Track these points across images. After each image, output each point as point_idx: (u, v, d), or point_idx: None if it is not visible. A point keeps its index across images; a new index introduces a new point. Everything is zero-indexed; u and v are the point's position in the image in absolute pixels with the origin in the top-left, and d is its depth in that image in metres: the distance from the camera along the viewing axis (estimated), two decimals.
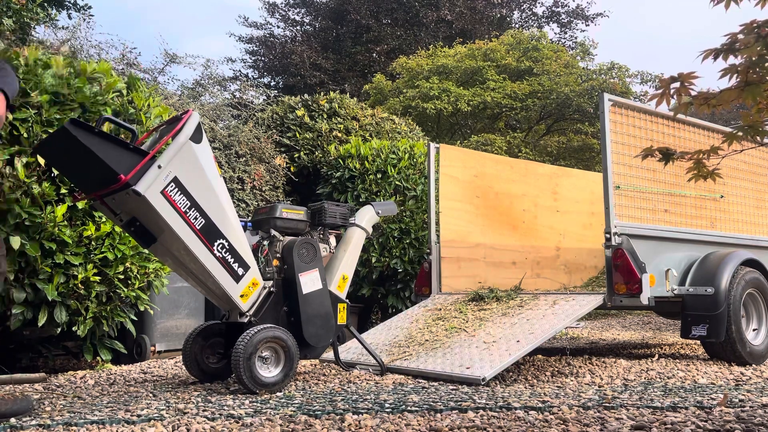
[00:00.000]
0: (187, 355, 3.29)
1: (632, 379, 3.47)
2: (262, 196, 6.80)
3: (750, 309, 4.31)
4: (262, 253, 3.40)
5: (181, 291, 4.83)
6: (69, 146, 2.59)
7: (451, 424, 2.27)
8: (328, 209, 3.54)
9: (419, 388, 3.09)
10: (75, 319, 3.85)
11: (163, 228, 2.77)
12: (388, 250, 6.14)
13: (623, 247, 3.74)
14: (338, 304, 3.45)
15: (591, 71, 15.02)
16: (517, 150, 13.25)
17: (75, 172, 2.90)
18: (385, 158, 6.48)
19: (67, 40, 7.61)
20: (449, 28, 18.80)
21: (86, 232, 3.81)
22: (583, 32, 25.72)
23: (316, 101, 7.96)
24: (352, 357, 3.90)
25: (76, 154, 2.62)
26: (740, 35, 1.90)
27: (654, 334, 6.43)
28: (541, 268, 5.61)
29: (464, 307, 4.31)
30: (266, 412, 2.48)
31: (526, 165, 5.91)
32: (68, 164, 2.84)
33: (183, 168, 2.76)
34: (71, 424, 2.31)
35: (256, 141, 6.94)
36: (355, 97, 9.12)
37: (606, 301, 3.79)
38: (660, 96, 2.08)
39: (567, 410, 2.51)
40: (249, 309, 3.09)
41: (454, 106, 13.28)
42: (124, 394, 3.01)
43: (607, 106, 3.92)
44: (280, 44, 19.24)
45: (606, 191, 3.85)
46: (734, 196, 4.68)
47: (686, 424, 2.25)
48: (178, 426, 2.28)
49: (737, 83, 1.94)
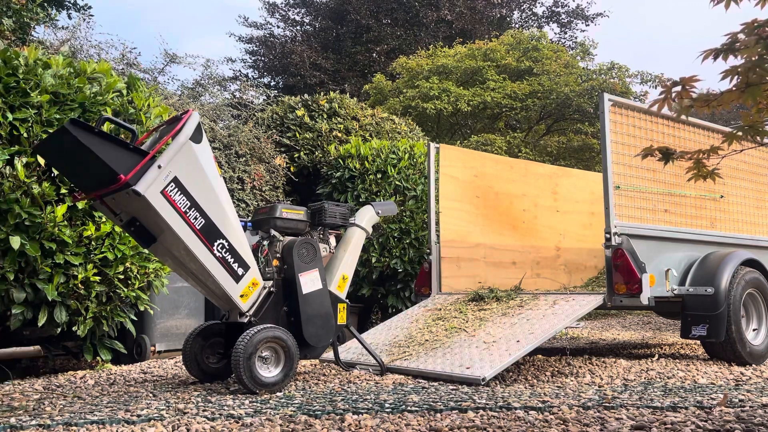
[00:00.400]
0: (187, 355, 3.29)
1: (632, 379, 3.47)
2: (262, 196, 6.80)
3: (750, 309, 4.31)
4: (262, 253, 3.40)
5: (181, 291, 4.83)
6: (69, 146, 2.59)
7: (451, 424, 2.27)
8: (328, 209, 3.54)
9: (419, 388, 3.09)
10: (75, 319, 3.85)
11: (163, 228, 2.77)
12: (388, 250, 6.14)
13: (623, 247, 3.74)
14: (338, 304, 3.45)
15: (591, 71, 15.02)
16: (517, 150, 13.25)
17: (75, 172, 2.90)
18: (385, 158, 6.48)
19: (67, 40, 7.60)
20: (449, 28, 18.80)
21: (86, 232, 3.81)
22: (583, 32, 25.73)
23: (316, 101, 7.96)
24: (352, 357, 3.90)
25: (76, 154, 2.62)
26: (740, 35, 1.91)
27: (654, 334, 6.43)
28: (541, 268, 5.60)
29: (464, 307, 4.31)
30: (266, 412, 2.48)
31: (526, 165, 5.91)
32: (68, 164, 2.84)
33: (183, 168, 2.76)
34: (71, 424, 2.31)
35: (256, 141, 6.94)
36: (355, 97, 9.12)
37: (606, 301, 3.78)
38: (662, 101, 2.08)
39: (567, 410, 2.51)
40: (249, 309, 3.09)
41: (454, 106, 13.28)
42: (124, 394, 3.01)
43: (607, 106, 3.92)
44: (280, 44, 19.24)
45: (606, 191, 3.85)
46: (734, 196, 4.68)
47: (686, 424, 2.25)
48: (178, 426, 2.28)
49: (738, 84, 1.94)
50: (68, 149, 2.63)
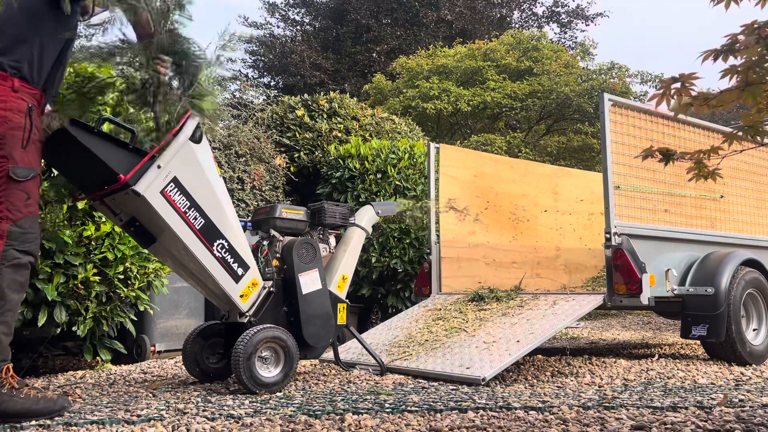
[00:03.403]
0: (187, 355, 3.29)
1: (632, 379, 3.47)
2: (262, 196, 6.79)
3: (750, 309, 4.31)
4: (261, 253, 3.39)
5: (181, 291, 4.83)
6: (68, 146, 2.59)
7: (451, 424, 2.27)
8: (327, 209, 3.54)
9: (419, 388, 3.09)
10: (75, 319, 3.85)
11: (162, 228, 2.77)
12: (388, 250, 6.14)
13: (623, 247, 3.74)
14: (338, 304, 3.45)
15: (591, 71, 15.03)
16: (517, 150, 13.25)
17: (74, 173, 2.90)
18: (385, 158, 6.48)
19: None
20: (449, 28, 18.80)
21: (86, 232, 3.81)
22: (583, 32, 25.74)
23: (316, 101, 7.96)
24: (352, 357, 3.90)
25: (76, 155, 2.62)
26: (740, 36, 1.90)
27: (654, 334, 6.42)
28: (541, 268, 5.60)
29: (464, 307, 4.31)
30: (266, 412, 2.48)
31: (526, 165, 5.91)
32: (68, 164, 2.84)
33: (182, 168, 2.76)
34: (71, 424, 2.31)
35: (256, 141, 6.94)
36: (355, 97, 9.12)
37: (606, 301, 3.78)
38: (660, 97, 2.08)
39: (567, 410, 2.51)
40: (249, 309, 3.09)
41: (454, 106, 13.29)
42: (124, 394, 3.01)
43: (607, 106, 3.92)
44: (280, 44, 19.24)
45: (606, 191, 3.85)
46: (734, 196, 4.68)
47: (686, 424, 2.25)
48: (178, 426, 2.28)
49: (737, 84, 1.94)
50: (68, 149, 2.63)
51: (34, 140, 2.47)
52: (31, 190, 2.45)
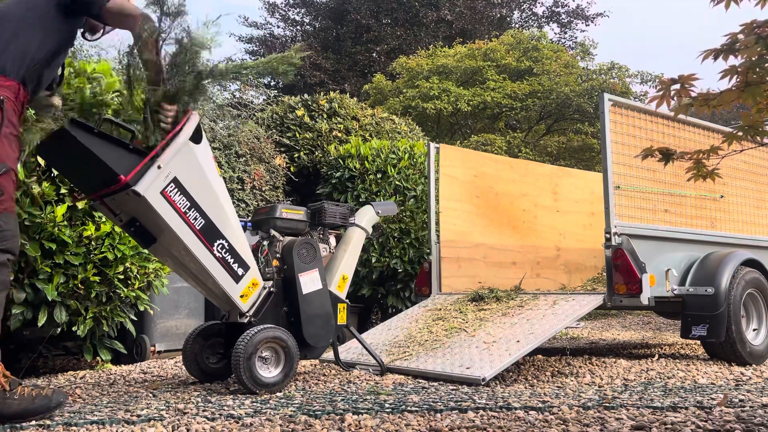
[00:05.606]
0: (187, 355, 3.29)
1: (632, 379, 3.47)
2: (262, 196, 6.80)
3: (750, 309, 4.31)
4: (261, 253, 3.39)
5: (181, 291, 4.83)
6: (68, 146, 2.59)
7: (451, 424, 2.27)
8: (327, 209, 3.54)
9: (419, 388, 3.09)
10: (75, 319, 3.84)
11: (162, 228, 2.77)
12: (388, 250, 6.14)
13: (623, 247, 3.74)
14: (338, 304, 3.45)
15: (591, 71, 15.04)
16: (517, 150, 13.26)
17: (75, 173, 2.90)
18: (385, 158, 6.48)
19: None
20: (449, 28, 18.81)
21: (86, 232, 3.80)
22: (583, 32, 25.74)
23: (316, 101, 7.96)
24: (352, 357, 3.90)
25: (76, 155, 2.62)
26: (740, 35, 1.90)
27: (654, 334, 6.42)
28: (541, 268, 5.60)
29: (464, 307, 4.31)
30: (266, 412, 2.48)
31: (526, 165, 5.90)
32: (68, 164, 2.84)
33: (183, 168, 2.76)
34: (71, 424, 2.31)
35: (256, 141, 6.94)
36: (355, 97, 9.13)
37: (606, 301, 3.78)
38: (660, 98, 2.08)
39: (567, 410, 2.51)
40: (249, 309, 3.09)
41: (454, 106, 13.29)
42: (124, 394, 3.01)
43: (607, 106, 3.92)
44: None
45: (606, 191, 3.85)
46: (734, 196, 4.68)
47: (686, 424, 2.25)
48: (178, 426, 2.28)
49: (737, 84, 1.94)
50: (68, 149, 2.63)
51: (7, 134, 2.36)
52: (5, 185, 2.33)
